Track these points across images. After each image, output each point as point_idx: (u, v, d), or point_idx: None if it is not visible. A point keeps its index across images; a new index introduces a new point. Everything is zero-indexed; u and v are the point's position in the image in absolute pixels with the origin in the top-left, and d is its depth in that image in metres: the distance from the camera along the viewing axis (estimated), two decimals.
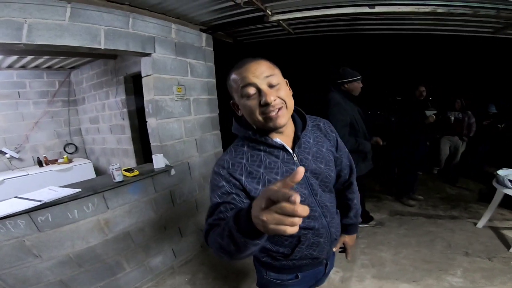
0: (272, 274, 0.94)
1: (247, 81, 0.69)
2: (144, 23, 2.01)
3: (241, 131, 0.80)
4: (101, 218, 1.84)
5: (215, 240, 0.62)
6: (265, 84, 0.69)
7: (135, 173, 2.02)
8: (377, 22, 2.50)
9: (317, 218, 0.84)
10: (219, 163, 0.78)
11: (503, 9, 1.86)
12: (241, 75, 0.70)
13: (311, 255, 0.88)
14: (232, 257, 0.60)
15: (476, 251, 2.26)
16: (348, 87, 2.23)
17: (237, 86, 0.72)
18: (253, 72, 0.69)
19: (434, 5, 1.91)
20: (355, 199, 1.06)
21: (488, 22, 2.22)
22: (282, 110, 0.71)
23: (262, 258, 0.94)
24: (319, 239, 0.87)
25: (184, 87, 2.35)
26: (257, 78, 0.69)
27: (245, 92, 0.70)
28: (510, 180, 2.26)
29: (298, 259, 0.89)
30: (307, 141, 0.84)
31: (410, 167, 3.26)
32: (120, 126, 3.47)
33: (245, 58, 0.73)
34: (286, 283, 0.94)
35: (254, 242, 0.50)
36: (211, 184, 0.77)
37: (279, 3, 2.02)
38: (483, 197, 3.30)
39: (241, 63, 0.73)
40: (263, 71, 0.70)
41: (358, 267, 2.20)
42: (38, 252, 1.59)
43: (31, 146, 3.67)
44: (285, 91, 0.73)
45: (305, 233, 0.84)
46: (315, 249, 0.88)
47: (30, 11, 1.47)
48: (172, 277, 2.26)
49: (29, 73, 3.55)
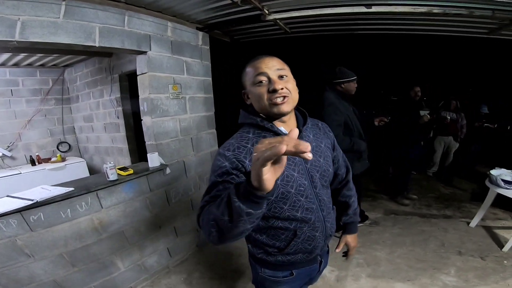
0: (267, 271, 0.95)
1: (260, 70, 0.78)
2: (140, 21, 1.99)
3: (249, 118, 0.85)
4: (95, 217, 1.82)
5: (210, 212, 0.63)
6: (275, 75, 0.78)
7: (130, 172, 2.00)
8: (374, 22, 2.51)
9: (314, 211, 0.87)
10: (224, 145, 0.82)
11: (498, 10, 1.88)
12: (255, 66, 0.80)
13: (305, 249, 0.90)
14: (221, 232, 0.60)
15: (469, 250, 2.30)
16: (345, 87, 2.23)
17: (250, 75, 0.80)
18: (266, 64, 0.78)
19: (430, 5, 1.93)
20: (352, 196, 1.10)
21: (483, 23, 2.24)
22: (287, 99, 0.78)
23: (257, 255, 0.95)
24: (314, 233, 0.89)
25: (180, 85, 2.34)
26: (269, 69, 0.78)
27: (257, 80, 0.78)
28: (503, 179, 2.30)
29: (293, 253, 0.90)
30: (308, 136, 0.90)
31: (405, 166, 3.30)
32: (114, 125, 3.43)
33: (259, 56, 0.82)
34: (281, 280, 0.95)
35: (248, 209, 0.52)
36: (213, 165, 0.80)
37: (276, 2, 2.02)
38: (476, 197, 3.35)
39: (257, 57, 0.82)
40: (275, 65, 0.79)
41: (353, 266, 2.21)
42: (30, 251, 1.57)
43: (24, 145, 3.61)
44: (292, 84, 0.81)
45: (301, 227, 0.86)
46: (310, 243, 0.90)
47: (23, 8, 1.45)
48: (167, 276, 2.25)
49: (22, 71, 3.50)
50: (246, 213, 0.53)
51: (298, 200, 0.83)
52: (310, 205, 0.85)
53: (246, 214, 0.53)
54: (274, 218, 0.84)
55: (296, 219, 0.84)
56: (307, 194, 0.84)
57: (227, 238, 0.61)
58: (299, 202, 0.83)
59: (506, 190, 2.28)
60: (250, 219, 0.55)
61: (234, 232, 0.58)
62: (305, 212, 0.85)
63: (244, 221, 0.54)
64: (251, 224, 0.57)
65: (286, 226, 0.85)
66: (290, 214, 0.83)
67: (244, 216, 0.53)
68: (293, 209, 0.83)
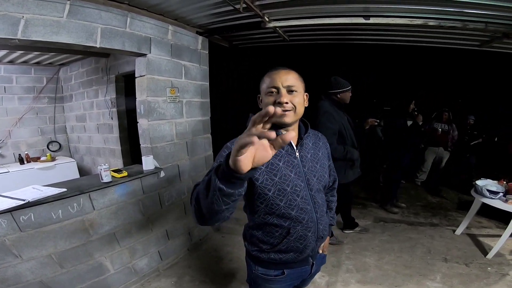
0: (260, 269, 1.01)
1: (274, 83, 0.87)
2: (141, 23, 2.01)
3: None
4: (86, 219, 1.80)
5: (197, 189, 0.68)
6: (285, 89, 0.86)
7: (124, 174, 1.99)
8: (370, 33, 2.60)
9: (308, 212, 0.93)
10: (232, 141, 0.89)
11: (490, 22, 1.97)
12: (271, 77, 0.88)
13: (297, 248, 0.95)
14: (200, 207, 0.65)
15: (454, 257, 2.37)
16: (340, 97, 2.29)
17: (265, 85, 0.89)
18: (280, 77, 0.87)
19: (426, 18, 2.00)
20: (334, 202, 1.22)
21: (475, 35, 2.35)
22: (290, 112, 0.86)
23: (252, 252, 1.01)
24: (307, 233, 0.94)
25: (177, 89, 2.35)
26: (282, 83, 0.86)
27: (268, 90, 0.88)
28: (488, 189, 2.39)
29: (285, 251, 0.96)
30: (307, 144, 0.98)
31: (396, 175, 3.39)
32: (108, 126, 3.40)
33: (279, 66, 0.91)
34: (273, 278, 1.00)
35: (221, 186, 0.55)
36: (218, 155, 0.87)
37: (277, 10, 2.07)
38: (461, 206, 3.47)
39: (276, 69, 0.90)
40: (288, 79, 0.87)
41: (343, 272, 2.25)
42: (18, 252, 1.53)
43: (13, 143, 3.53)
44: (299, 99, 0.88)
45: (295, 225, 0.92)
46: (302, 242, 0.95)
47: (28, 6, 1.45)
48: (157, 279, 2.22)
49: (16, 68, 3.44)
50: (218, 188, 0.55)
51: (294, 199, 0.89)
52: (305, 205, 0.91)
53: (218, 189, 0.56)
54: (270, 214, 0.91)
55: (291, 217, 0.90)
56: (303, 195, 0.90)
57: (205, 215, 0.65)
58: (294, 201, 0.89)
59: (491, 200, 2.38)
60: (223, 197, 0.57)
61: (210, 208, 0.61)
62: (299, 212, 0.90)
63: (217, 197, 0.57)
64: (226, 205, 0.60)
65: (281, 224, 0.91)
66: (285, 211, 0.89)
67: (217, 192, 0.56)
68: (288, 207, 0.89)
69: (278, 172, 0.86)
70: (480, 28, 2.02)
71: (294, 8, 2.05)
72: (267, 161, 0.52)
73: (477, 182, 2.55)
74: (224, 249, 2.67)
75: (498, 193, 2.36)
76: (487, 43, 2.47)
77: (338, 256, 2.46)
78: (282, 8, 2.04)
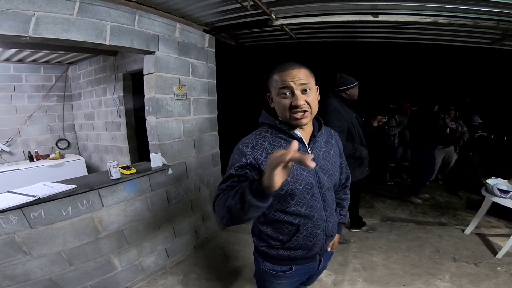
0: (268, 265, 1.01)
1: (285, 84, 0.83)
2: (149, 21, 2.01)
3: (270, 119, 0.92)
4: (95, 216, 1.82)
5: (225, 199, 0.75)
6: (299, 89, 0.83)
7: (132, 171, 2.01)
8: (378, 30, 2.56)
9: (318, 210, 0.93)
10: (244, 141, 0.90)
11: (502, 20, 1.92)
12: (281, 78, 0.84)
13: (306, 246, 0.95)
14: (233, 217, 0.73)
15: (463, 257, 2.34)
16: (349, 93, 2.27)
17: (276, 85, 0.85)
18: (292, 77, 0.83)
19: (436, 15, 1.96)
20: (347, 200, 1.20)
21: (486, 33, 2.30)
22: (307, 113, 0.85)
23: (260, 248, 1.01)
24: (316, 231, 0.94)
25: (185, 86, 2.36)
26: (294, 83, 0.82)
27: (282, 92, 0.84)
28: (498, 188, 2.35)
29: (294, 248, 0.96)
30: (320, 142, 0.97)
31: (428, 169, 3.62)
32: (115, 123, 3.43)
33: (287, 62, 0.86)
34: (281, 274, 1.00)
35: (257, 203, 0.65)
36: (232, 157, 0.89)
37: (284, 8, 2.06)
38: (470, 205, 3.42)
39: (284, 66, 0.85)
40: (300, 78, 0.83)
41: (350, 270, 2.23)
42: (28, 249, 1.55)
43: (23, 140, 3.58)
44: (313, 97, 0.86)
45: (305, 223, 0.92)
46: (311, 240, 0.95)
47: (39, 3, 1.46)
48: (164, 277, 2.24)
49: (26, 66, 3.50)
50: (255, 205, 0.66)
51: (304, 197, 0.89)
52: (314, 203, 0.91)
53: (255, 206, 0.66)
54: (280, 211, 0.92)
55: (300, 214, 0.91)
56: (313, 193, 0.91)
57: (237, 222, 0.75)
58: (304, 199, 0.90)
59: (501, 199, 2.34)
60: (257, 210, 0.68)
61: (243, 218, 0.72)
62: (309, 209, 0.91)
63: (253, 211, 0.68)
64: (258, 213, 0.72)
65: (291, 221, 0.92)
66: (295, 209, 0.90)
67: (254, 207, 0.66)
68: (298, 205, 0.90)
69: (291, 171, 0.86)
70: (492, 26, 1.97)
71: (301, 6, 2.03)
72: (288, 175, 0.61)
73: (487, 181, 2.51)
74: (230, 247, 2.68)
75: (509, 192, 2.31)
76: (498, 41, 2.41)
77: (345, 255, 2.44)
78: (290, 5, 2.02)
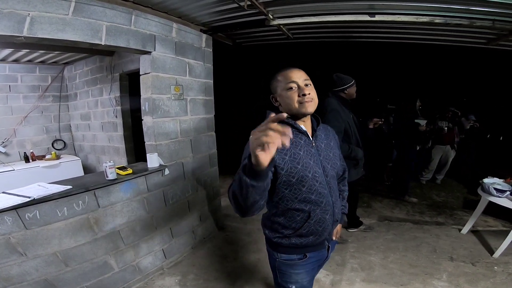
0: (283, 256, 1.07)
1: (291, 79, 0.97)
2: (146, 20, 2.00)
3: None
4: (91, 217, 1.81)
5: (232, 188, 0.80)
6: (303, 83, 0.97)
7: (129, 172, 1.99)
8: (375, 30, 2.57)
9: (326, 196, 1.02)
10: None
11: (498, 20, 1.94)
12: (287, 75, 0.98)
13: (316, 231, 1.04)
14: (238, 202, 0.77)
15: (460, 256, 2.35)
16: (348, 93, 2.28)
17: (283, 82, 0.98)
18: (295, 74, 0.98)
19: (432, 15, 1.98)
20: (346, 191, 1.31)
21: (482, 33, 2.31)
22: (313, 101, 0.97)
23: (273, 239, 1.07)
24: (325, 216, 1.03)
25: (181, 86, 2.35)
26: (298, 79, 0.97)
27: (288, 86, 0.97)
28: (495, 188, 2.36)
29: (305, 235, 1.03)
30: (320, 135, 1.09)
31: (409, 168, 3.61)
32: (112, 124, 3.41)
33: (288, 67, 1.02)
34: (297, 262, 1.07)
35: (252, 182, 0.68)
36: (245, 149, 0.94)
37: (281, 8, 2.06)
38: (467, 205, 3.44)
39: (287, 68, 1.01)
40: (302, 76, 0.99)
41: (348, 270, 2.23)
42: (23, 250, 1.53)
43: (18, 141, 3.55)
44: (314, 91, 1.00)
45: (315, 209, 1.00)
46: (321, 225, 1.03)
47: (34, 3, 1.45)
48: (161, 278, 2.22)
49: (21, 67, 3.47)
50: (251, 185, 0.68)
51: (313, 185, 0.98)
52: (322, 190, 1.01)
53: (251, 186, 0.68)
54: (293, 200, 0.99)
55: (311, 201, 0.99)
56: (320, 181, 1.00)
57: (244, 208, 0.78)
58: (314, 187, 0.98)
59: (497, 198, 2.35)
60: (255, 190, 0.70)
61: (247, 202, 0.74)
62: (318, 196, 1.00)
63: (250, 192, 0.70)
64: (259, 195, 0.74)
65: (302, 208, 1.00)
66: (306, 196, 0.98)
67: (250, 188, 0.69)
68: (309, 192, 0.98)
69: (300, 160, 0.96)
70: (487, 26, 1.99)
71: (299, 6, 2.03)
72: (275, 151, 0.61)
73: (484, 181, 2.52)
74: (228, 247, 2.67)
75: (505, 191, 2.32)
76: (494, 41, 2.43)
77: (342, 255, 2.44)
78: (287, 5, 2.03)
